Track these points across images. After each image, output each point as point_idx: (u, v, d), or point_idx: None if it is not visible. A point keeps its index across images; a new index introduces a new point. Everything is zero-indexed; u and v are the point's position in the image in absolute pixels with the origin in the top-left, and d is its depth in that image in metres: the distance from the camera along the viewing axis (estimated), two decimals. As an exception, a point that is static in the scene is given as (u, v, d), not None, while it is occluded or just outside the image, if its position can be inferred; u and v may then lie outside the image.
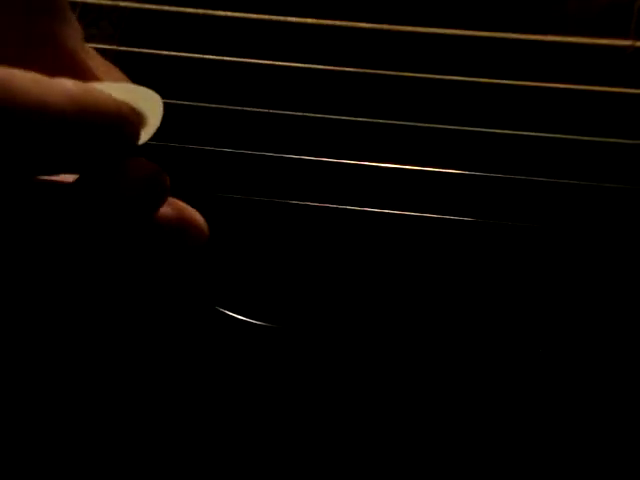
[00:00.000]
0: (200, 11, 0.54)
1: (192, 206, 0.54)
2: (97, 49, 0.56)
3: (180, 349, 0.55)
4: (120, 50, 0.57)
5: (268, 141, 0.54)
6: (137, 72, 0.57)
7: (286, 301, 0.55)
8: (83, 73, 0.38)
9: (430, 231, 0.53)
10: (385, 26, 0.50)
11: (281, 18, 0.52)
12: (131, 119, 0.37)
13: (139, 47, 0.56)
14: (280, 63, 0.52)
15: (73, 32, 0.39)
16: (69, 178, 0.37)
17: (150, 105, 0.39)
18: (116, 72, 0.42)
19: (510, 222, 0.52)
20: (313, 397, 0.54)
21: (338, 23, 0.51)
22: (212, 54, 0.54)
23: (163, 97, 0.53)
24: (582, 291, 0.52)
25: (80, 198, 0.36)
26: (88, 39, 0.58)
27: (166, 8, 0.54)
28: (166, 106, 0.43)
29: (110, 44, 0.57)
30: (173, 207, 0.42)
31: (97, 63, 0.41)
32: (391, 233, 0.54)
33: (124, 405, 0.55)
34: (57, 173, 0.36)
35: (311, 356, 0.54)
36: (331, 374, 0.54)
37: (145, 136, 0.38)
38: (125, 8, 0.57)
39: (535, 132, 0.51)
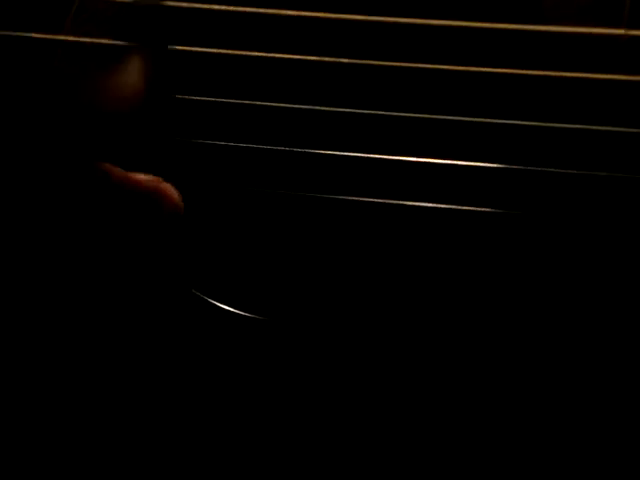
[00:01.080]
0: (199, 5, 0.54)
1: (192, 198, 0.55)
2: (95, 44, 0.57)
3: (170, 342, 0.55)
4: (119, 45, 0.57)
5: (262, 133, 0.54)
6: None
7: (281, 293, 0.55)
8: None
9: (428, 222, 0.54)
10: (380, 18, 0.51)
11: (279, 11, 0.52)
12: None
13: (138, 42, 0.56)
14: (276, 55, 0.53)
15: None
16: None
17: None
18: None
19: (508, 211, 0.52)
20: (298, 389, 0.55)
21: (341, 16, 0.51)
22: (212, 48, 0.54)
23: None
24: (582, 283, 0.53)
25: None
26: (85, 35, 0.58)
27: (166, 3, 0.54)
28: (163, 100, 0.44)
29: (108, 40, 0.58)
30: (150, 180, 0.45)
31: None
32: (387, 223, 0.54)
33: (105, 394, 0.55)
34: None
35: (304, 348, 0.55)
36: (322, 367, 0.55)
37: None
38: (123, 3, 0.57)
39: (530, 121, 0.51)
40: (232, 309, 0.55)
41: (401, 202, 0.53)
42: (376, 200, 0.53)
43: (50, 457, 0.55)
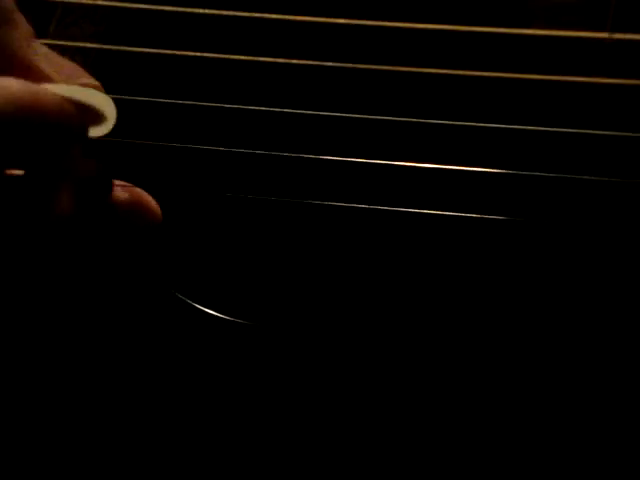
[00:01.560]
0: (183, 9, 0.54)
1: (187, 204, 0.55)
2: (79, 48, 0.57)
3: (156, 348, 0.55)
4: (103, 49, 0.57)
5: (257, 138, 0.54)
6: (121, 71, 0.57)
7: (272, 298, 0.55)
8: (32, 74, 0.40)
9: (425, 228, 0.54)
10: (376, 22, 0.51)
11: (272, 16, 0.52)
12: (74, 116, 0.39)
13: (122, 45, 0.56)
14: (265, 59, 0.52)
15: (19, 34, 0.40)
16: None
17: (102, 105, 0.42)
18: (82, 73, 0.43)
19: (505, 217, 0.53)
20: (285, 395, 0.55)
21: (342, 21, 0.51)
22: (197, 51, 0.54)
23: (146, 95, 0.53)
24: (583, 289, 0.53)
25: (26, 192, 0.38)
26: (70, 39, 0.58)
27: (148, 7, 0.54)
28: (150, 104, 0.44)
29: (92, 43, 0.58)
30: (129, 192, 0.45)
31: (58, 64, 0.42)
32: (384, 229, 0.54)
33: (90, 398, 0.55)
34: (5, 168, 0.38)
35: (292, 354, 0.54)
36: (311, 373, 0.55)
37: (98, 132, 0.43)
38: (107, 7, 0.57)
39: (514, 125, 0.51)
40: (220, 314, 0.55)
41: (396, 209, 0.53)
42: (371, 207, 0.53)
43: (40, 460, 0.55)
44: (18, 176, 0.39)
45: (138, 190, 0.46)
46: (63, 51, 0.53)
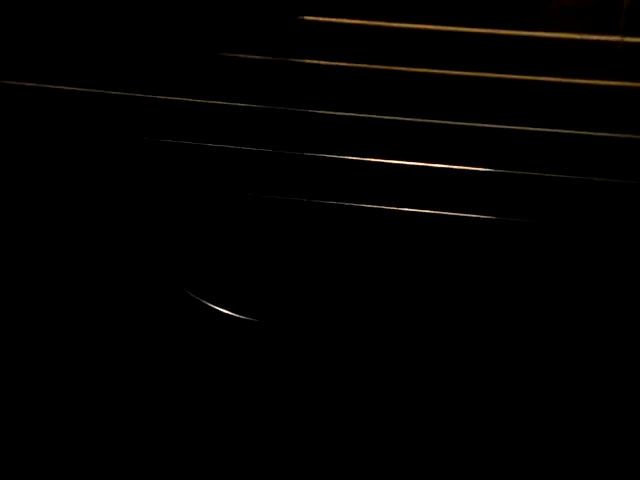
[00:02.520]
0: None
1: (190, 202, 0.54)
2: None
3: (165, 344, 0.54)
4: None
5: (257, 137, 0.54)
6: (122, 70, 0.56)
7: (277, 297, 0.55)
8: None
9: (428, 227, 0.54)
10: (377, 22, 0.50)
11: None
12: None
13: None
14: (272, 58, 0.52)
15: None
16: None
17: None
18: None
19: (508, 218, 0.52)
20: (290, 391, 0.54)
21: (339, 20, 0.51)
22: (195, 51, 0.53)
23: (153, 94, 0.52)
24: (581, 290, 0.53)
25: None
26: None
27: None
28: (159, 103, 0.43)
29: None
30: None
31: None
32: (385, 229, 0.54)
33: (98, 395, 0.54)
34: None
35: (298, 351, 0.54)
36: (315, 370, 0.54)
37: None
38: None
39: (526, 126, 0.51)
40: (227, 312, 0.54)
41: (394, 208, 0.53)
42: (371, 206, 0.53)
43: (39, 459, 0.54)
44: None
45: None
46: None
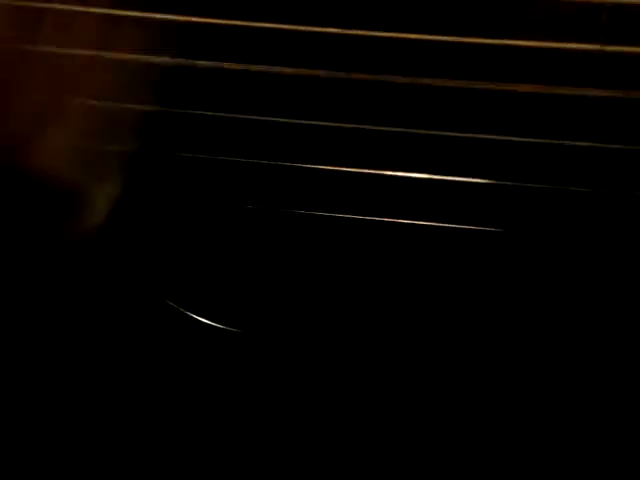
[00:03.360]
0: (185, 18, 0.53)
1: (175, 213, 0.55)
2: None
3: (147, 354, 0.55)
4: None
5: (250, 147, 0.54)
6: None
7: (268, 307, 0.56)
8: None
9: (418, 238, 0.54)
10: (375, 33, 0.51)
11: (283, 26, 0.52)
12: None
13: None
14: (272, 68, 0.52)
15: None
16: None
17: None
18: None
19: (497, 229, 0.53)
20: (275, 402, 0.55)
21: (337, 31, 0.51)
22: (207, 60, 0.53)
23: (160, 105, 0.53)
24: (574, 297, 0.53)
25: None
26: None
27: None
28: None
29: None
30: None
31: None
32: (381, 240, 0.54)
33: (109, 411, 0.55)
34: None
35: (281, 362, 0.55)
36: (301, 381, 0.55)
37: None
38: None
39: (507, 136, 0.51)
40: (210, 322, 0.55)
41: (390, 220, 0.53)
42: (365, 218, 0.53)
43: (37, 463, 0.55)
44: None
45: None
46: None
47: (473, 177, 0.52)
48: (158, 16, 0.52)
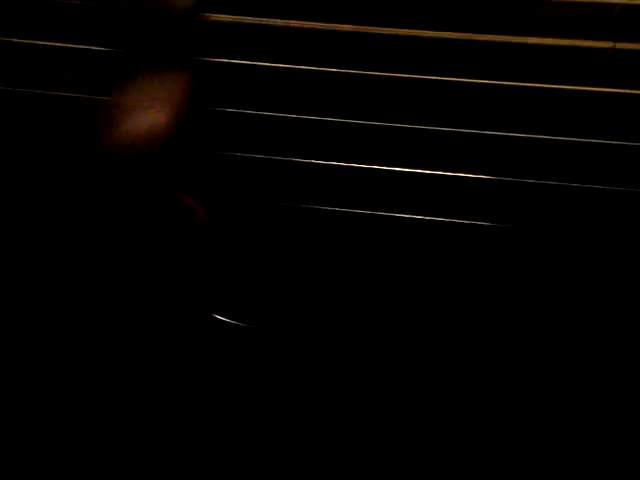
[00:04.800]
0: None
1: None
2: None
3: (173, 353, 0.55)
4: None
5: (265, 144, 0.54)
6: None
7: (275, 303, 0.56)
8: None
9: (428, 233, 0.54)
10: (378, 29, 0.51)
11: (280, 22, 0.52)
12: None
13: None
14: (273, 64, 0.53)
15: None
16: None
17: None
18: None
19: (506, 224, 0.53)
20: (307, 398, 0.55)
21: (343, 27, 0.51)
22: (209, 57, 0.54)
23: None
24: (578, 293, 0.53)
25: None
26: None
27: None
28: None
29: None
30: (180, 197, 0.45)
31: None
32: (387, 235, 0.54)
33: (117, 407, 0.55)
34: None
35: (304, 357, 0.55)
36: (314, 375, 0.55)
37: None
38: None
39: (518, 133, 0.52)
40: (224, 318, 0.55)
41: (394, 214, 0.53)
42: (370, 212, 0.53)
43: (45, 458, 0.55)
44: None
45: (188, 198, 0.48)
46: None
47: (485, 174, 0.53)
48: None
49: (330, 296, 0.55)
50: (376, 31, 0.52)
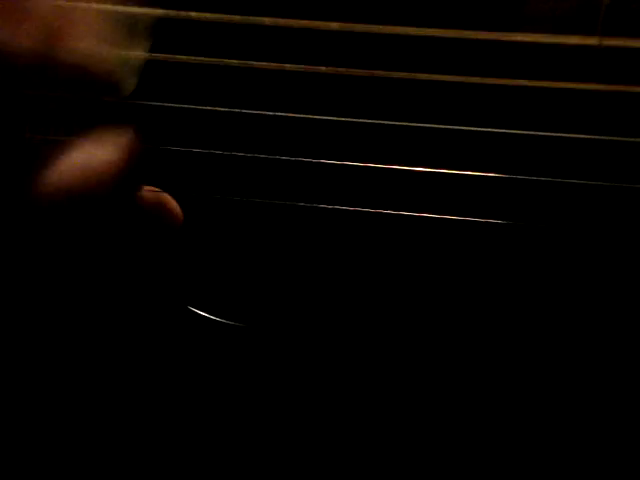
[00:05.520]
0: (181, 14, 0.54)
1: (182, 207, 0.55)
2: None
3: (153, 348, 0.55)
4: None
5: (257, 142, 0.54)
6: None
7: (272, 301, 0.56)
8: None
9: (425, 232, 0.54)
10: (378, 27, 0.51)
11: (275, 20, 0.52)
12: None
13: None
14: (262, 64, 0.53)
15: None
16: None
17: None
18: None
19: (502, 221, 0.53)
20: (304, 400, 0.55)
21: (337, 25, 0.51)
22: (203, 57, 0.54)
23: (157, 100, 0.53)
24: (585, 291, 0.53)
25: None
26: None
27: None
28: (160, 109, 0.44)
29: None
30: (154, 194, 0.45)
31: None
32: (384, 233, 0.55)
33: (113, 408, 0.56)
34: None
35: (299, 358, 0.55)
36: (321, 377, 0.55)
37: None
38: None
39: (507, 129, 0.51)
40: (215, 318, 0.55)
41: (397, 212, 0.53)
42: (371, 210, 0.54)
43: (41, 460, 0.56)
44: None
45: (159, 191, 0.47)
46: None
47: (479, 171, 0.53)
48: (159, 12, 0.53)
49: (331, 295, 0.56)
50: (363, 29, 0.52)
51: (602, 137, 0.50)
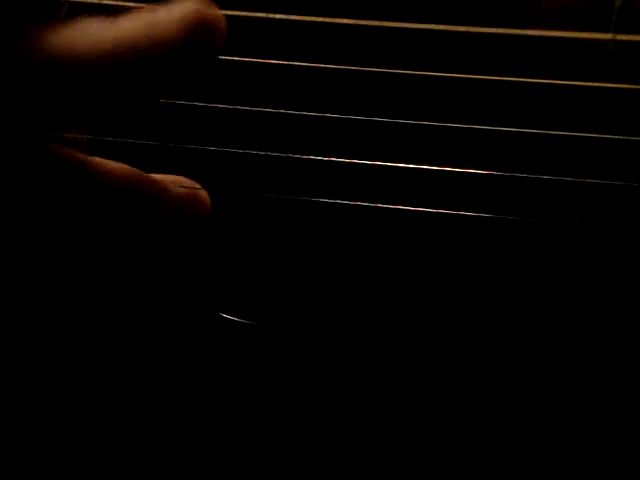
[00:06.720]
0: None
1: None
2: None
3: (179, 352, 0.55)
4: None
5: (268, 140, 0.54)
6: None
7: (285, 300, 0.56)
8: None
9: (434, 228, 0.54)
10: (376, 22, 0.51)
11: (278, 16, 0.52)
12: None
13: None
14: (266, 61, 0.53)
15: None
16: None
17: None
18: None
19: (508, 217, 0.53)
20: (312, 398, 0.55)
21: (341, 21, 0.51)
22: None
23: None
24: (585, 289, 0.53)
25: None
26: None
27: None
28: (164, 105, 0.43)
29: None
30: (188, 180, 0.44)
31: None
32: (391, 230, 0.54)
33: (124, 408, 0.55)
34: None
35: (306, 356, 0.55)
36: (329, 375, 0.55)
37: None
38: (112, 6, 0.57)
39: (517, 128, 0.51)
40: (226, 315, 0.55)
41: (399, 207, 0.53)
42: (374, 205, 0.53)
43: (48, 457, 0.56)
44: None
45: (191, 181, 0.46)
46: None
47: (486, 170, 0.52)
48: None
49: (334, 293, 0.55)
50: (371, 24, 0.51)
51: (614, 137, 0.50)
